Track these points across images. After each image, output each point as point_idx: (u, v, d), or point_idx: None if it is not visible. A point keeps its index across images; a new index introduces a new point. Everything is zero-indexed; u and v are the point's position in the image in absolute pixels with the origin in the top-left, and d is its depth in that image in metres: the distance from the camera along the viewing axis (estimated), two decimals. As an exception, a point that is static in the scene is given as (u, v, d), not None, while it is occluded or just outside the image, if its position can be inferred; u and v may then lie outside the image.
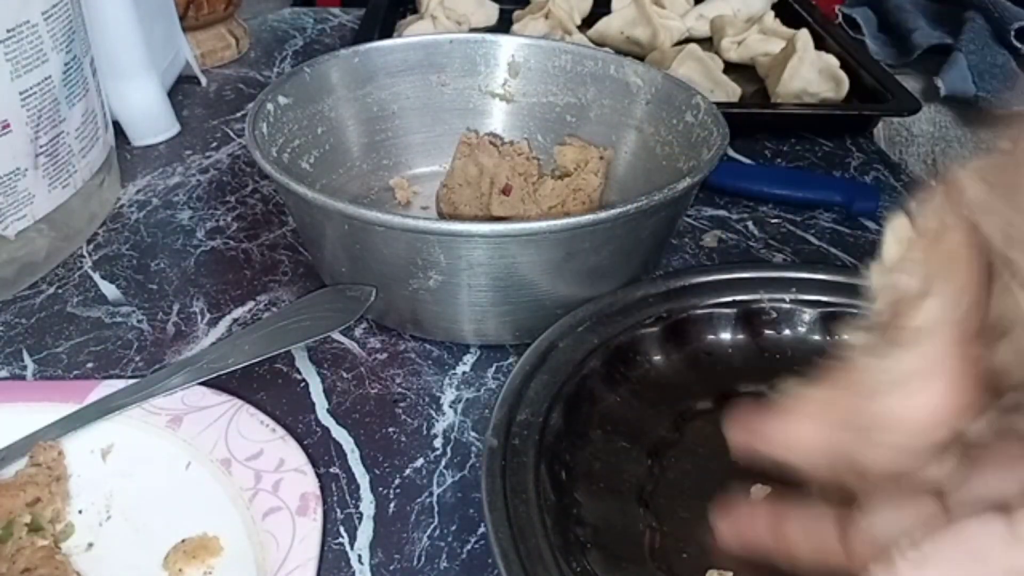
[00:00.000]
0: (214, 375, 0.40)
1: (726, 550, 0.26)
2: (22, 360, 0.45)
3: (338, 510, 0.37)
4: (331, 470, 0.39)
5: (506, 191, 0.52)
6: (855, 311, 0.44)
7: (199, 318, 0.48)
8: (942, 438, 0.21)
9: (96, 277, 0.51)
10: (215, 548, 0.34)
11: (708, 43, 0.84)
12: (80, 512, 0.36)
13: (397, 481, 0.39)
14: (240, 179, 0.62)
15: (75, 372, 0.44)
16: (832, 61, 0.74)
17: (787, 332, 0.45)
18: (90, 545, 0.35)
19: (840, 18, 0.93)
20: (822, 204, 0.61)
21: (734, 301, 0.45)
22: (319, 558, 0.33)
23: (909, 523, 0.21)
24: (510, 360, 0.46)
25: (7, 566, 0.31)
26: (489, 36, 0.58)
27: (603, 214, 0.40)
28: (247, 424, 0.38)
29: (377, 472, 0.39)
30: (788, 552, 0.25)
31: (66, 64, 0.48)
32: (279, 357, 0.45)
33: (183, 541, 0.34)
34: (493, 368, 0.45)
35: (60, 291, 0.50)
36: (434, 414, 0.42)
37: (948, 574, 0.19)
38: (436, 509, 0.37)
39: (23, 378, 0.43)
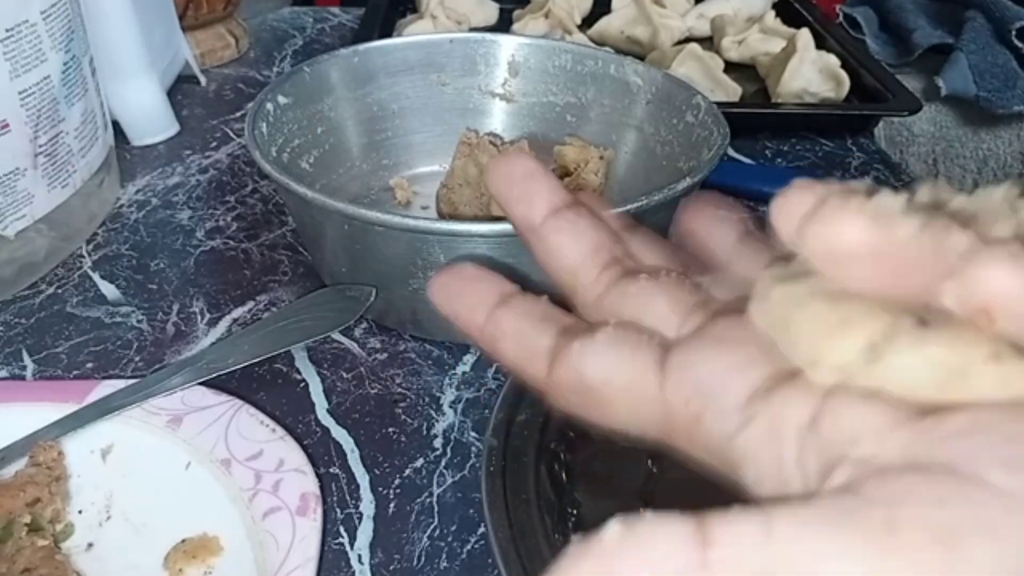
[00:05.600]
0: (214, 375, 0.40)
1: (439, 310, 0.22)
2: (22, 360, 0.45)
3: (338, 510, 0.37)
4: (331, 470, 0.39)
5: (506, 191, 0.52)
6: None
7: (199, 318, 0.48)
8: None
9: (96, 277, 0.51)
10: (215, 548, 0.34)
11: (708, 42, 0.84)
12: (80, 512, 0.36)
13: (397, 481, 0.39)
14: (240, 179, 0.62)
15: (75, 372, 0.44)
16: (833, 61, 0.74)
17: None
18: (90, 545, 0.35)
19: (841, 17, 0.93)
20: (822, 204, 0.61)
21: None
22: (319, 558, 0.33)
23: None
24: (510, 360, 0.46)
25: (7, 566, 0.31)
26: (489, 36, 0.58)
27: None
28: (247, 424, 0.38)
29: (377, 472, 0.39)
30: (492, 340, 0.21)
31: (65, 64, 0.48)
32: (279, 357, 0.45)
33: (183, 541, 0.34)
34: (493, 368, 0.45)
35: (60, 291, 0.50)
36: (434, 414, 0.42)
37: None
38: (436, 509, 0.37)
39: (23, 378, 0.43)
